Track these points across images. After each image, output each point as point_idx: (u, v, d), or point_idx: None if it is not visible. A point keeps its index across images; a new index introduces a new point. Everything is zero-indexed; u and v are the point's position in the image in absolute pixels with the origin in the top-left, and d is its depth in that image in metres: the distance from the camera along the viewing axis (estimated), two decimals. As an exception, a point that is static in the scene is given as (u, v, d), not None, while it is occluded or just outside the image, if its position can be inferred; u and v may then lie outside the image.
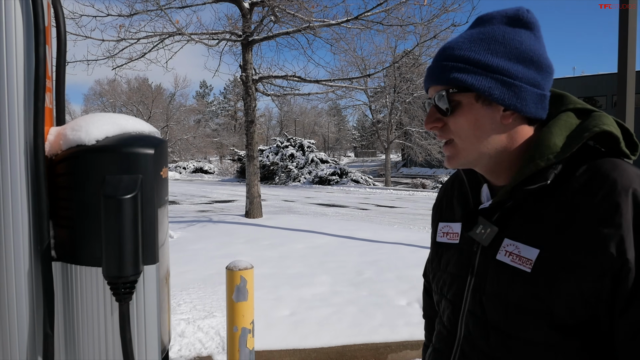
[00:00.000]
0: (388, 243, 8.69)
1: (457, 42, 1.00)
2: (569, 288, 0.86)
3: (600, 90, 37.45)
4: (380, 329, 4.58)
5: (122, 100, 52.51)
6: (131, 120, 0.96)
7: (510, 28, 0.97)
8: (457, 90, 0.96)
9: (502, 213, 0.99)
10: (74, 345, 0.91)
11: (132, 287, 0.86)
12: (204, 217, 13.14)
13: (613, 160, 0.90)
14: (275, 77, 12.90)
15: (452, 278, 1.10)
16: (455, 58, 0.97)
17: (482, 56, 0.95)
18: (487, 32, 0.97)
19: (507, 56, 0.95)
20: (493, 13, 1.00)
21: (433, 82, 1.01)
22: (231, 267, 2.89)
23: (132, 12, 11.20)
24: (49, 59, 0.92)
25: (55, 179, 0.89)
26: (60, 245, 0.89)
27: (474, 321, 1.01)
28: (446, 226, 1.17)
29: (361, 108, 36.06)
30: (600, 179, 0.87)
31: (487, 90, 0.94)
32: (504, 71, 0.94)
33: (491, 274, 0.98)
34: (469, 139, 0.98)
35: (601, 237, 0.83)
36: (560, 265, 0.87)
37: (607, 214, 0.83)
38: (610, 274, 0.82)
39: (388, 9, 11.15)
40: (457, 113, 0.98)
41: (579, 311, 0.87)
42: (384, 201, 19.75)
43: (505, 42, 0.95)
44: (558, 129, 0.95)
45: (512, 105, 0.95)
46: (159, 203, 0.92)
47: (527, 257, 0.91)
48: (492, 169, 1.02)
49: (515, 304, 0.92)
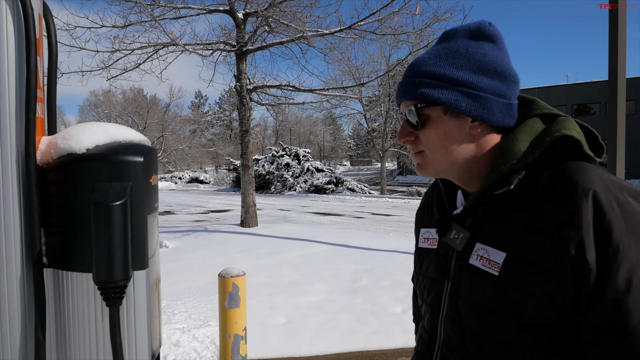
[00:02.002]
0: (383, 251, 8.70)
1: (423, 58, 1.03)
2: (534, 289, 0.88)
3: (593, 98, 37.68)
4: (375, 337, 4.59)
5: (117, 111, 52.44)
6: (121, 129, 0.99)
7: (473, 42, 1.00)
8: (425, 105, 1.00)
9: (474, 218, 1.01)
10: (65, 350, 0.92)
11: (122, 292, 0.88)
12: (200, 226, 13.12)
13: (577, 163, 0.92)
14: (269, 87, 12.95)
15: (431, 282, 1.12)
16: (422, 74, 1.00)
17: (447, 70, 0.98)
18: (451, 47, 1.01)
19: (471, 69, 0.98)
20: (457, 28, 1.04)
21: (403, 98, 1.04)
22: (223, 275, 2.89)
23: (127, 23, 11.26)
24: (40, 70, 0.95)
25: (46, 187, 0.91)
26: (51, 252, 0.91)
27: (451, 325, 1.03)
28: (427, 232, 1.20)
29: (356, 117, 36.16)
30: (562, 182, 0.89)
31: (453, 103, 0.97)
32: (469, 83, 0.97)
33: (465, 278, 1.00)
34: (439, 150, 1.01)
35: (562, 239, 0.85)
36: (524, 267, 0.89)
37: (568, 216, 0.85)
38: (572, 275, 0.84)
39: (381, 19, 11.24)
40: (427, 126, 1.01)
41: (547, 312, 0.88)
42: (379, 209, 19.76)
43: (468, 55, 0.99)
44: (523, 134, 0.98)
45: (479, 116, 0.98)
46: (148, 210, 0.94)
47: (495, 260, 0.94)
48: (463, 177, 1.05)
49: (485, 306, 0.95)
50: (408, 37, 12.84)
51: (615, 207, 0.84)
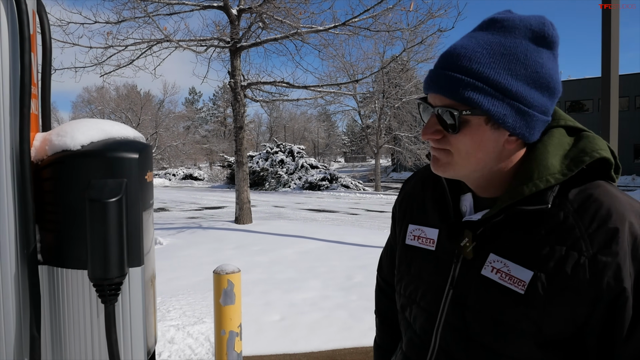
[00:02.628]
0: (378, 247, 8.71)
1: (474, 51, 0.90)
2: (563, 312, 0.86)
3: (586, 94, 37.87)
4: (370, 333, 4.60)
5: (111, 107, 52.15)
6: (116, 125, 0.98)
7: (533, 46, 0.90)
8: (471, 112, 0.89)
9: (489, 228, 0.96)
10: (60, 347, 0.92)
11: (117, 289, 0.88)
12: (194, 223, 13.09)
13: (604, 185, 0.90)
14: (263, 83, 12.93)
15: (427, 286, 1.07)
16: (473, 73, 0.88)
17: (502, 77, 0.87)
18: (509, 47, 0.89)
19: (526, 80, 0.88)
20: (515, 21, 0.91)
21: (441, 92, 0.92)
22: (218, 271, 2.90)
23: (120, 19, 11.19)
24: (35, 66, 0.94)
25: (41, 183, 0.90)
26: (46, 249, 0.91)
27: (453, 334, 0.99)
28: (417, 229, 1.13)
29: (350, 113, 36.19)
30: (595, 205, 0.87)
31: (502, 117, 0.88)
32: (522, 99, 0.88)
33: (475, 288, 0.96)
34: (467, 158, 0.94)
35: (599, 265, 0.83)
36: (555, 289, 0.86)
37: (605, 241, 0.83)
38: (606, 301, 0.83)
39: (375, 15, 11.22)
40: (463, 132, 0.91)
41: (566, 330, 0.88)
42: (374, 206, 19.79)
43: (527, 63, 0.88)
44: (553, 148, 0.92)
45: (521, 134, 0.91)
46: (143, 206, 0.94)
47: (519, 277, 0.90)
48: (481, 184, 1.00)
49: (504, 322, 0.91)
50: (402, 33, 12.84)
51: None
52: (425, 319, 1.06)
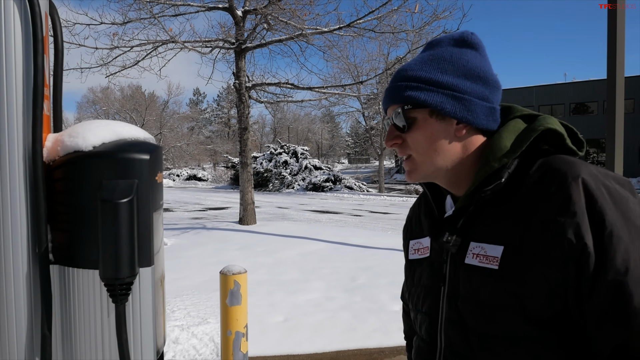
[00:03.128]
0: (382, 249, 8.71)
1: (409, 64, 1.07)
2: (536, 278, 0.89)
3: (591, 96, 37.71)
4: (374, 334, 4.60)
5: (116, 108, 52.36)
6: (127, 126, 0.99)
7: (457, 49, 1.05)
8: (412, 107, 1.03)
9: (465, 219, 1.02)
10: (71, 346, 0.93)
11: (128, 289, 0.88)
12: (198, 224, 13.12)
13: (562, 156, 0.97)
14: (268, 84, 12.95)
15: (426, 291, 1.12)
16: (409, 78, 1.04)
17: (432, 74, 1.02)
18: (436, 54, 1.05)
19: (455, 73, 1.02)
20: (441, 37, 1.09)
21: (390, 102, 1.07)
22: (225, 272, 2.90)
23: (126, 20, 11.24)
24: (47, 68, 0.95)
25: (53, 184, 0.91)
26: (58, 249, 0.91)
27: (453, 329, 1.03)
28: (416, 242, 1.21)
29: (354, 115, 36.22)
30: (552, 173, 0.93)
31: (439, 104, 1.00)
32: (454, 87, 1.01)
33: (462, 278, 1.01)
34: (426, 153, 1.04)
35: (559, 226, 0.87)
36: (524, 257, 0.91)
37: (561, 204, 0.88)
38: (572, 261, 0.86)
39: (380, 17, 11.24)
40: (414, 129, 1.04)
41: (550, 302, 0.90)
42: (377, 207, 19.78)
43: (453, 60, 1.03)
44: (507, 132, 1.02)
45: (464, 118, 1.01)
46: (154, 207, 0.95)
47: (493, 255, 0.95)
48: (451, 180, 1.07)
49: (489, 302, 0.95)
50: (407, 35, 12.85)
51: (604, 193, 0.88)
52: (429, 323, 1.10)
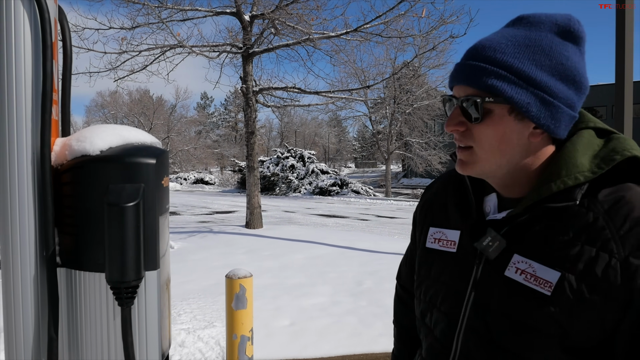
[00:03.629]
0: (388, 253, 8.69)
1: (499, 42, 0.91)
2: (591, 315, 0.84)
3: (600, 101, 37.50)
4: (380, 339, 4.59)
5: (124, 112, 52.71)
6: (133, 131, 1.00)
7: (558, 39, 0.90)
8: (494, 100, 0.89)
9: (512, 227, 0.94)
10: (77, 348, 0.93)
11: (134, 292, 0.89)
12: (205, 227, 13.15)
13: (636, 187, 0.88)
14: (275, 89, 12.98)
15: (447, 289, 1.04)
16: (496, 62, 0.89)
17: (526, 66, 0.88)
18: (533, 39, 0.89)
19: (551, 71, 0.88)
20: (541, 16, 0.92)
21: (464, 82, 0.92)
22: (230, 276, 2.91)
23: (134, 25, 11.32)
24: (56, 73, 0.96)
25: (60, 187, 0.92)
26: (64, 252, 0.92)
27: (475, 338, 0.96)
28: (438, 232, 1.11)
29: (361, 119, 36.19)
30: (626, 207, 0.85)
31: (525, 105, 0.88)
32: (546, 88, 0.88)
33: (498, 290, 0.93)
34: (491, 151, 0.92)
35: (631, 268, 0.81)
36: (584, 291, 0.84)
37: (637, 244, 0.81)
38: (635, 306, 0.81)
39: (387, 21, 11.25)
40: (486, 122, 0.91)
41: (595, 336, 0.85)
42: (384, 212, 19.74)
43: (552, 54, 0.89)
44: (583, 147, 0.91)
45: (546, 125, 0.90)
46: (160, 211, 0.95)
47: (546, 278, 0.87)
48: (505, 182, 0.98)
49: (528, 325, 0.88)
50: (414, 39, 12.84)
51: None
52: (446, 324, 1.03)
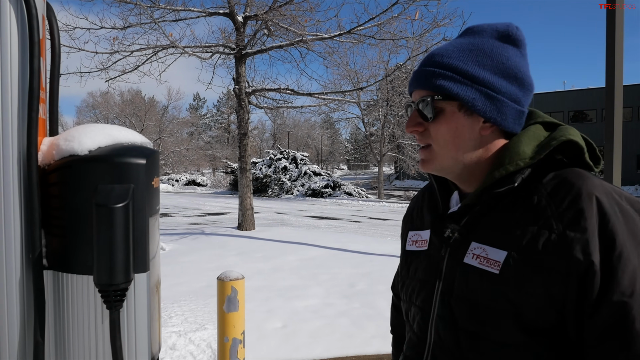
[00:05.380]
0: (380, 255, 8.69)
1: (446, 49, 1.01)
2: (536, 289, 0.88)
3: (590, 104, 37.81)
4: (372, 341, 4.58)
5: (115, 113, 52.42)
6: (123, 131, 0.98)
7: (499, 43, 1.00)
8: (442, 98, 0.99)
9: (470, 217, 1.01)
10: (64, 353, 0.91)
11: (122, 295, 0.87)
12: (197, 229, 13.09)
13: (578, 170, 0.95)
14: (268, 90, 12.96)
15: (420, 284, 1.11)
16: (443, 65, 0.99)
17: (469, 67, 0.98)
18: (476, 44, 1.00)
19: (493, 70, 0.98)
20: (484, 25, 1.03)
21: (418, 87, 1.03)
22: (222, 278, 2.89)
23: (126, 25, 11.26)
24: (43, 71, 0.94)
25: (47, 188, 0.90)
26: (51, 254, 0.90)
27: (443, 325, 1.02)
28: (415, 234, 1.19)
29: (354, 121, 36.22)
30: (566, 186, 0.91)
31: (471, 101, 0.97)
32: (489, 84, 0.97)
33: (459, 277, 0.99)
34: (446, 146, 1.01)
35: (568, 241, 0.86)
36: (527, 266, 0.89)
37: (573, 218, 0.87)
38: (576, 276, 0.85)
39: (380, 24, 11.27)
40: (439, 120, 1.00)
41: (547, 314, 0.88)
42: (376, 213, 19.76)
43: (492, 55, 0.99)
44: (527, 138, 0.99)
45: (493, 118, 0.98)
46: (150, 212, 0.93)
47: (495, 259, 0.93)
48: (464, 176, 1.05)
49: (483, 305, 0.94)
50: (407, 42, 12.87)
51: (617, 212, 0.86)
52: (421, 317, 1.09)
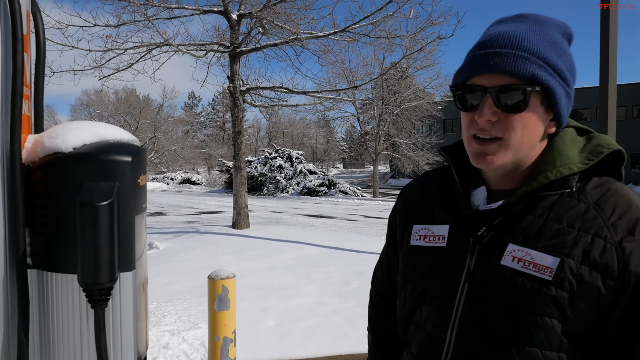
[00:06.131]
0: (375, 254, 8.68)
1: (525, 34, 0.90)
2: (591, 298, 0.86)
3: (584, 103, 37.94)
4: (366, 340, 4.57)
5: (110, 111, 52.18)
6: (109, 128, 0.97)
7: (565, 41, 0.95)
8: (532, 90, 0.88)
9: (506, 217, 0.95)
10: (49, 353, 0.90)
11: (107, 294, 0.86)
12: (191, 228, 13.06)
13: (617, 181, 0.94)
14: (262, 88, 12.92)
15: (438, 283, 1.03)
16: (534, 52, 0.88)
17: (555, 59, 0.89)
18: (552, 36, 0.92)
19: (568, 67, 0.92)
20: (545, 17, 0.96)
21: (501, 71, 0.89)
22: (213, 277, 2.88)
23: (120, 22, 11.19)
24: (28, 67, 0.93)
25: (32, 186, 0.89)
26: (36, 253, 0.89)
27: (470, 328, 0.96)
28: (424, 228, 1.09)
29: (349, 119, 36.31)
30: (614, 197, 0.90)
31: (559, 97, 0.91)
32: (568, 81, 0.93)
33: (495, 280, 0.94)
34: (522, 142, 0.92)
35: (626, 250, 0.85)
36: (584, 274, 0.86)
37: (628, 229, 0.86)
38: (632, 287, 0.85)
39: (375, 22, 11.25)
40: (525, 112, 0.90)
41: (589, 321, 0.88)
42: (372, 212, 19.77)
43: (567, 53, 0.93)
44: (570, 142, 0.97)
45: (564, 117, 0.95)
46: (136, 210, 0.93)
47: (545, 264, 0.89)
48: (507, 174, 0.99)
49: (529, 311, 0.89)
50: (402, 40, 12.85)
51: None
52: (439, 317, 1.02)
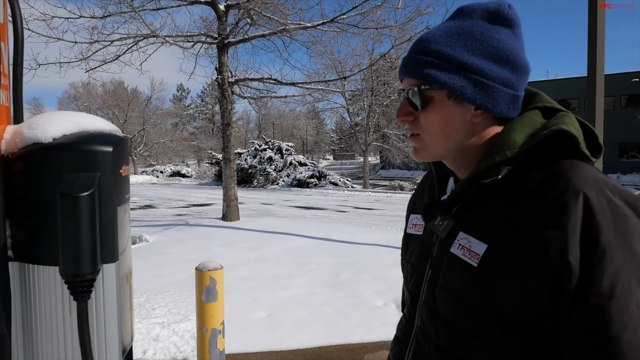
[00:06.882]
0: (365, 245, 8.72)
1: (434, 34, 0.97)
2: (513, 286, 0.85)
3: (573, 93, 38.20)
4: (356, 330, 4.60)
5: (97, 104, 51.68)
6: (90, 118, 0.96)
7: (489, 25, 0.95)
8: (430, 87, 0.95)
9: (460, 206, 0.99)
10: (32, 346, 0.89)
11: (90, 286, 0.85)
12: (181, 220, 13.02)
13: (571, 161, 0.88)
14: (251, 80, 12.86)
15: (413, 268, 1.11)
16: (431, 52, 0.95)
17: (457, 53, 0.93)
18: (465, 27, 0.95)
19: (483, 54, 0.93)
20: (474, 5, 0.98)
21: (407, 75, 0.99)
22: (200, 268, 2.87)
23: (105, 14, 11.06)
24: (6, 57, 0.91)
25: (11, 177, 0.88)
26: (17, 245, 0.88)
27: (427, 312, 1.02)
28: (415, 217, 1.17)
29: (339, 111, 36.19)
30: (554, 179, 0.86)
31: (459, 89, 0.93)
32: (478, 70, 0.93)
33: (444, 266, 0.98)
34: (437, 135, 0.97)
35: (544, 238, 0.82)
36: (505, 262, 0.86)
37: (554, 215, 0.82)
38: (551, 277, 0.81)
39: (363, 12, 11.22)
40: (428, 109, 0.97)
41: (523, 311, 0.86)
42: (362, 203, 19.82)
43: (482, 39, 0.93)
44: (520, 126, 0.94)
45: (483, 106, 0.94)
46: (118, 201, 0.92)
47: (476, 251, 0.91)
48: (457, 163, 1.02)
49: (461, 296, 0.93)
50: (391, 31, 12.85)
51: (606, 209, 0.80)
52: (410, 301, 1.11)
